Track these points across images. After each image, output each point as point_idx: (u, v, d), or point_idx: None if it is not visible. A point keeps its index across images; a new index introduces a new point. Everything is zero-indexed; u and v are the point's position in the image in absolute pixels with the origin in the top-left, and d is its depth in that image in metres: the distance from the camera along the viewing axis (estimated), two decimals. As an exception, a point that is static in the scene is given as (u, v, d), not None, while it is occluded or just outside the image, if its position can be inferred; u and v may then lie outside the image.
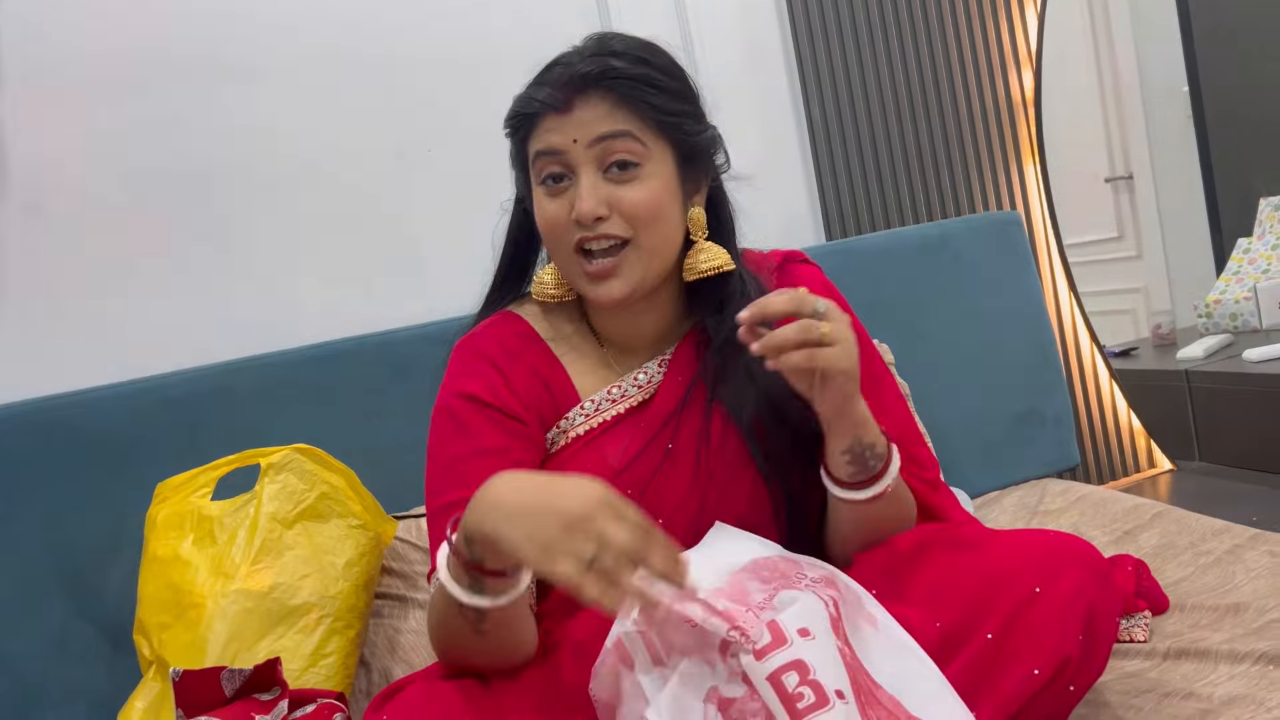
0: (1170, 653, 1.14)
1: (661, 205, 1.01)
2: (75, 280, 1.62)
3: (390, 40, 1.80)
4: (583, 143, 0.99)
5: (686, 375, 1.08)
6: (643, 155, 1.00)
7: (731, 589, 0.83)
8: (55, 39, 1.60)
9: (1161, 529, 1.53)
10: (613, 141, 0.99)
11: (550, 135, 1.00)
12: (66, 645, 1.41)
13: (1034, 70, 2.23)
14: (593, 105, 0.99)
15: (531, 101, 1.01)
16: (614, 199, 1.00)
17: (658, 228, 1.02)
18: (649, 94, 1.00)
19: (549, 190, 1.02)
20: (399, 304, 1.77)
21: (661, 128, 1.02)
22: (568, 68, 1.01)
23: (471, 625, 0.86)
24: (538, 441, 1.06)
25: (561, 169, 1.01)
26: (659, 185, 1.01)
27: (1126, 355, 2.81)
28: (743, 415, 1.05)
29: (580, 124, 0.99)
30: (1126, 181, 2.97)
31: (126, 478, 1.44)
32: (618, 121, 0.99)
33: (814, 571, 0.87)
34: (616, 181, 1.00)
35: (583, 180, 0.99)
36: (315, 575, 1.25)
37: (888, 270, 1.91)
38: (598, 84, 0.99)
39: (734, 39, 2.05)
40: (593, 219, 0.99)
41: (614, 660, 0.87)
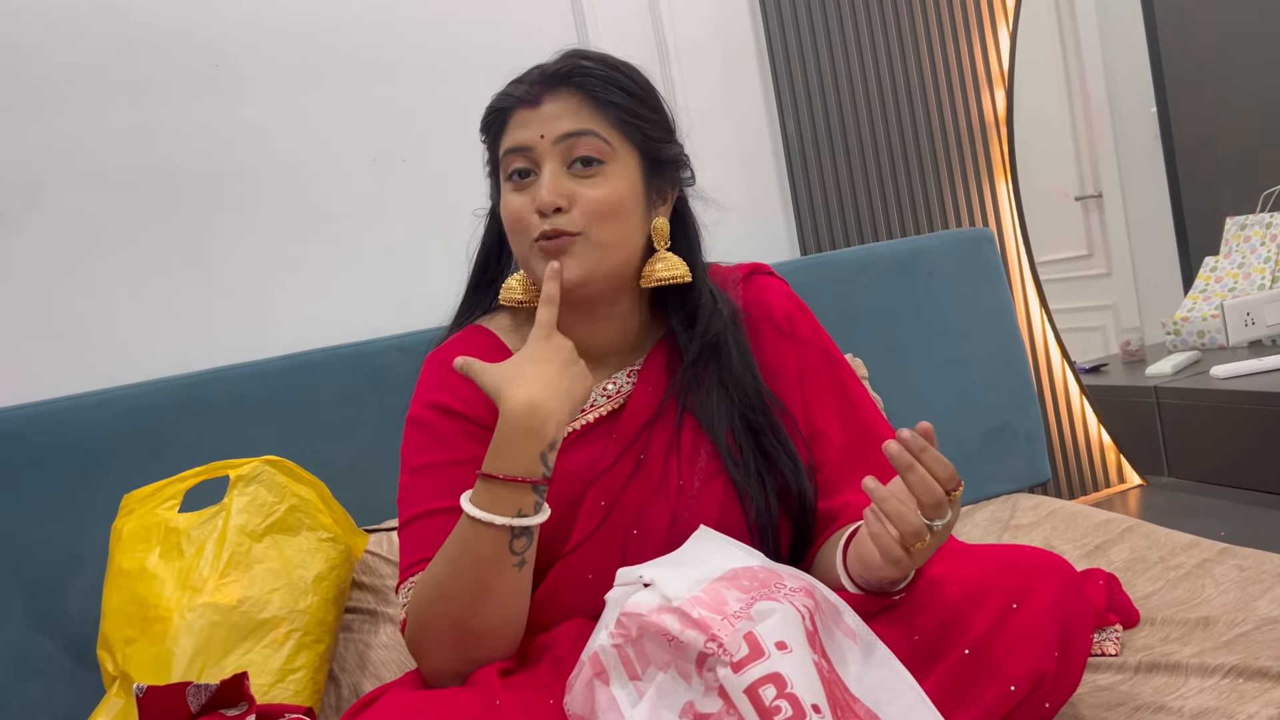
0: (1141, 666, 1.15)
1: (621, 205, 1.02)
2: (42, 288, 1.59)
3: (366, 50, 1.79)
4: (549, 138, 1.01)
5: (656, 385, 1.08)
6: (607, 154, 1.02)
7: (709, 598, 0.83)
8: (24, 44, 1.58)
9: (1132, 543, 1.54)
10: (579, 139, 1.01)
11: (519, 131, 1.02)
12: (27, 661, 1.38)
13: (1006, 89, 2.26)
14: (561, 101, 1.01)
15: (506, 98, 1.04)
16: (574, 194, 1.00)
17: (612, 225, 1.02)
18: (616, 95, 1.02)
19: (515, 185, 1.03)
20: (373, 314, 1.76)
21: (627, 129, 1.03)
22: (541, 69, 1.04)
23: (515, 557, 0.91)
24: None
25: (528, 165, 1.02)
26: (622, 186, 1.02)
27: (1097, 371, 2.84)
28: (715, 428, 1.05)
29: (548, 119, 1.01)
30: (1096, 200, 3.01)
31: (91, 489, 1.42)
32: (584, 119, 1.01)
33: (793, 582, 0.87)
34: (579, 177, 1.01)
35: (545, 172, 1.01)
36: (284, 589, 1.23)
37: (861, 285, 1.92)
38: (567, 81, 1.01)
39: (710, 56, 2.06)
40: (552, 209, 0.99)
41: (589, 674, 0.86)
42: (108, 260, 1.63)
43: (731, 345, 1.07)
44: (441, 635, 0.93)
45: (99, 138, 1.63)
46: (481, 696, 0.87)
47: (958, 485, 0.83)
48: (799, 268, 1.89)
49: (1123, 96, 3.01)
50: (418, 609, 0.94)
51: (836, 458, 1.08)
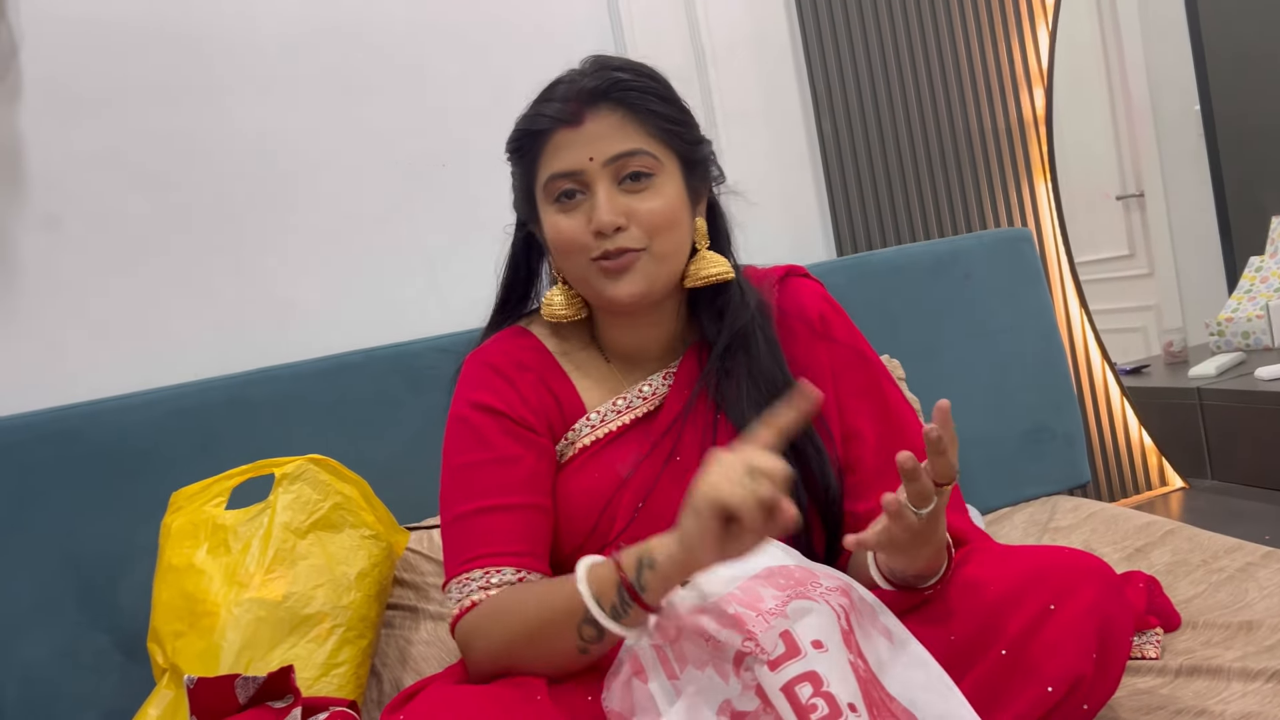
0: (1182, 670, 1.14)
1: (675, 215, 1.03)
2: (91, 291, 1.63)
3: (405, 55, 1.82)
4: (599, 160, 1.00)
5: (691, 385, 1.09)
6: (655, 167, 1.02)
7: (745, 595, 0.84)
8: (76, 51, 1.62)
9: (1173, 546, 1.53)
10: (629, 159, 1.01)
11: (564, 154, 1.01)
12: (79, 654, 1.42)
13: (1045, 88, 2.24)
14: (603, 118, 1.01)
15: (540, 118, 1.02)
16: (630, 210, 1.01)
17: (671, 235, 1.03)
18: (655, 104, 1.03)
19: (562, 207, 1.03)
20: (412, 316, 1.78)
21: (668, 138, 1.04)
22: (572, 84, 1.02)
23: (586, 642, 0.89)
24: (549, 453, 1.07)
25: (576, 187, 1.02)
26: (672, 195, 1.03)
27: (1138, 373, 2.81)
28: (745, 423, 1.05)
29: (593, 139, 1.00)
30: (1138, 199, 2.97)
31: (141, 487, 1.45)
32: (630, 137, 1.01)
33: (829, 580, 0.88)
34: (631, 193, 1.02)
35: (600, 192, 1.00)
36: (328, 585, 1.25)
37: (898, 286, 1.91)
38: (606, 97, 1.01)
39: (746, 57, 2.06)
40: (613, 229, 1.00)
41: (628, 672, 0.87)
42: (155, 262, 1.67)
43: (759, 338, 1.08)
44: (508, 656, 0.94)
45: (146, 142, 1.66)
46: (522, 691, 0.88)
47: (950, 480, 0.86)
48: (835, 269, 1.89)
49: (1165, 94, 2.97)
50: (487, 624, 0.95)
51: (871, 460, 1.08)
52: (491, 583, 0.97)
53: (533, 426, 1.06)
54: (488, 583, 0.97)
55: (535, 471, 1.04)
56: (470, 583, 0.98)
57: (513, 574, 0.98)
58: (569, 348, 1.13)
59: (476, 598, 0.97)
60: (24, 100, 1.60)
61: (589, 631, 0.88)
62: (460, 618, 0.98)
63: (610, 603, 0.87)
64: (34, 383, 1.58)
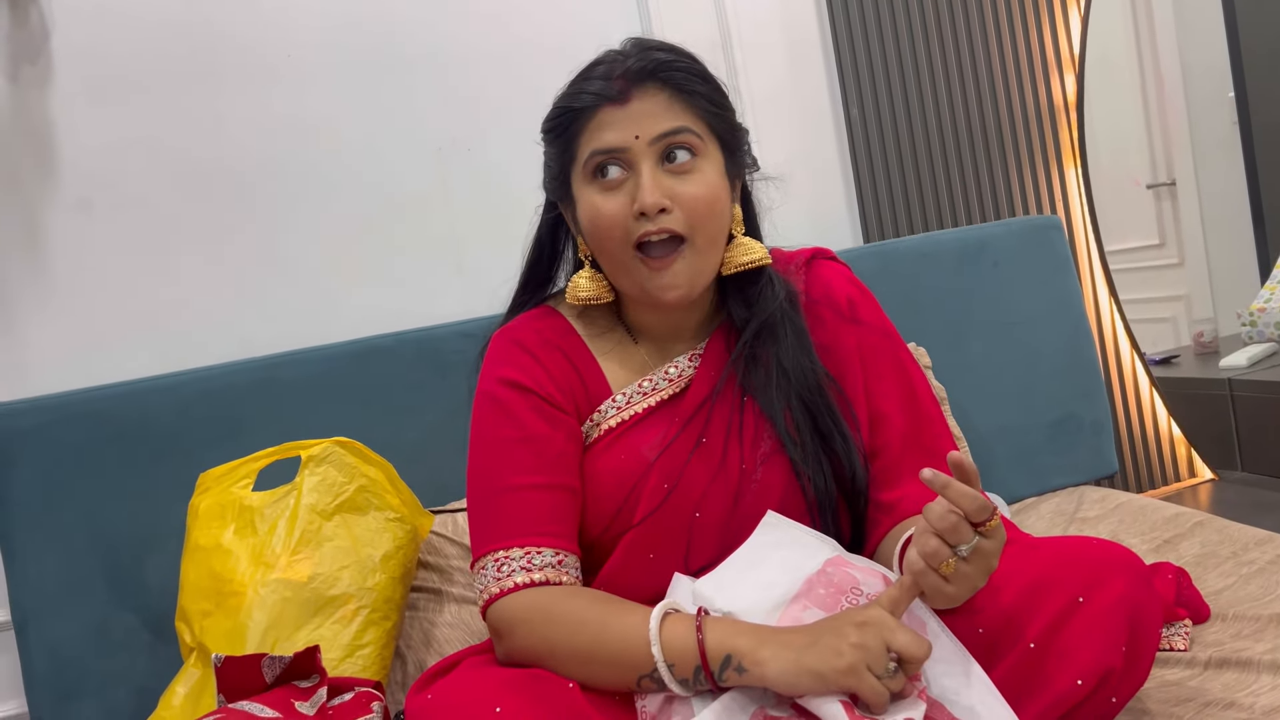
0: (1211, 662, 1.13)
1: (717, 198, 1.02)
2: (122, 274, 1.65)
3: (433, 41, 1.82)
4: (645, 139, 0.99)
5: (717, 368, 1.09)
6: (699, 147, 1.01)
7: (790, 624, 0.84)
8: (107, 37, 1.63)
9: (1203, 538, 1.51)
10: (675, 137, 1.00)
11: (609, 132, 1.00)
12: (108, 632, 1.44)
13: (1076, 73, 2.21)
14: (650, 97, 1.00)
15: (583, 95, 1.01)
16: (673, 192, 1.00)
17: (714, 221, 1.03)
18: (700, 85, 1.02)
19: (603, 186, 1.01)
20: (438, 301, 1.79)
21: (711, 119, 1.03)
22: (614, 64, 1.01)
23: (643, 687, 0.90)
24: (577, 433, 1.07)
25: (618, 164, 1.01)
26: (714, 178, 1.02)
27: (1167, 363, 2.77)
28: (773, 407, 1.05)
29: (640, 117, 0.99)
30: (1169, 188, 2.93)
31: (169, 468, 1.47)
32: (677, 116, 1.00)
33: (868, 583, 0.87)
34: (675, 173, 1.01)
35: (644, 173, 0.99)
36: (353, 567, 1.26)
37: (925, 273, 1.89)
38: (653, 76, 1.00)
39: (774, 39, 2.05)
40: (657, 210, 0.99)
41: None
42: (185, 246, 1.68)
43: (787, 325, 1.07)
44: (551, 663, 0.93)
45: (176, 127, 1.67)
46: (555, 680, 0.88)
47: (990, 516, 0.81)
48: (862, 255, 1.88)
49: (1199, 81, 2.92)
50: (537, 622, 0.94)
51: (897, 444, 1.07)
52: (533, 564, 0.97)
53: (560, 405, 1.06)
54: (529, 564, 0.97)
55: (564, 451, 1.04)
56: (510, 562, 0.97)
57: (552, 555, 0.98)
58: (596, 330, 1.12)
59: (520, 579, 0.96)
60: (55, 84, 1.61)
61: (650, 685, 0.89)
62: (498, 599, 0.96)
63: (683, 676, 0.87)
64: (65, 364, 1.60)
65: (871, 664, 0.80)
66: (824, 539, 0.94)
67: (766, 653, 0.84)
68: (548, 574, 0.97)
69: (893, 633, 0.81)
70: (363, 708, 0.98)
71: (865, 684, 0.80)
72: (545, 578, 0.96)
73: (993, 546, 0.83)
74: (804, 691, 0.82)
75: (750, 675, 0.84)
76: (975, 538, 0.81)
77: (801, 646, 0.83)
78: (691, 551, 1.03)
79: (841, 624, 0.83)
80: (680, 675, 0.87)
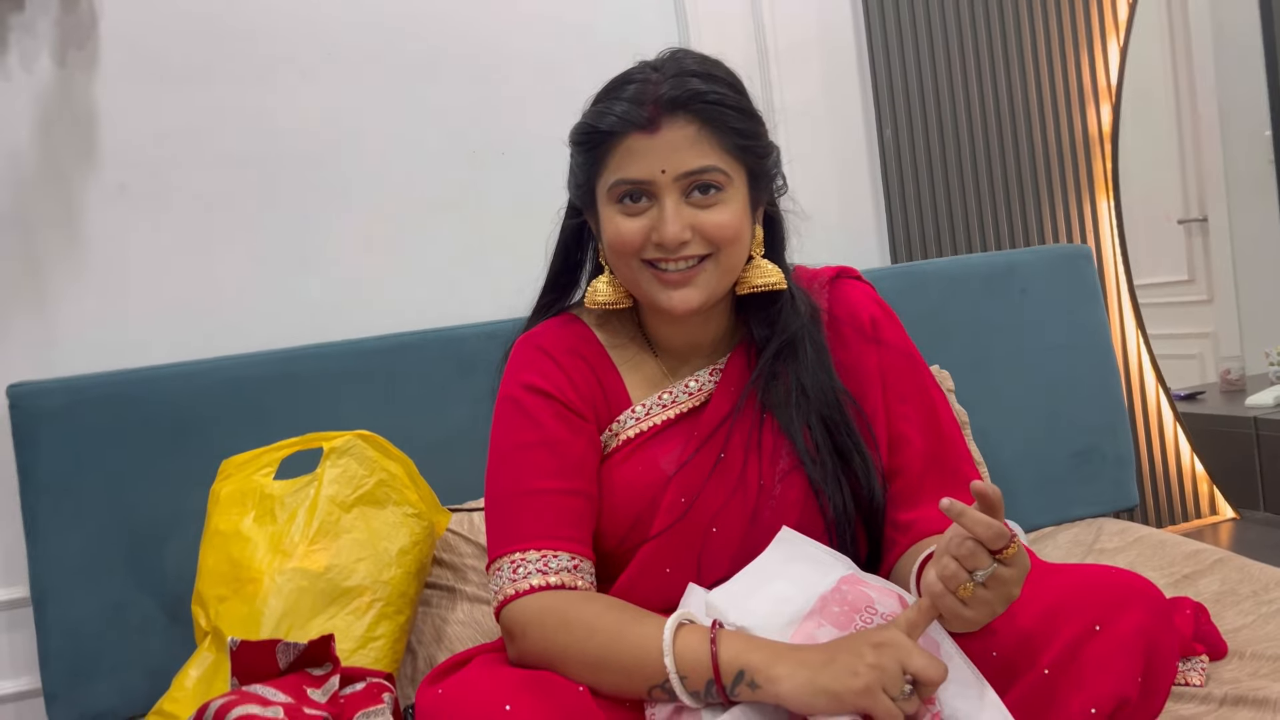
0: (1227, 699, 1.12)
1: (739, 228, 1.02)
2: (155, 260, 1.67)
3: (472, 42, 1.83)
4: (671, 174, 0.99)
5: (738, 384, 1.09)
6: (724, 182, 1.01)
7: (804, 642, 0.84)
8: (153, 26, 1.66)
9: (1223, 575, 1.50)
10: (701, 176, 1.00)
11: (636, 162, 0.99)
12: (124, 614, 1.45)
13: (1113, 105, 2.21)
14: (679, 128, 0.99)
15: (612, 119, 1.00)
16: (696, 223, 1.00)
17: (734, 248, 1.03)
18: (730, 117, 1.00)
19: (625, 209, 1.02)
20: (465, 301, 1.80)
21: (740, 153, 1.02)
22: (646, 85, 1.00)
23: (653, 697, 0.90)
24: (596, 441, 1.07)
25: (643, 193, 1.01)
26: (738, 208, 1.02)
27: (1192, 399, 2.75)
28: (793, 425, 1.05)
29: (668, 151, 0.99)
30: (1200, 224, 2.91)
31: (192, 454, 1.48)
32: (705, 154, 0.99)
33: (884, 603, 0.87)
34: (698, 205, 1.01)
35: (667, 206, 0.99)
36: (369, 559, 1.27)
37: (952, 297, 1.89)
38: (685, 108, 0.99)
39: (810, 55, 2.05)
40: (678, 244, 0.99)
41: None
42: (219, 236, 1.70)
43: (808, 344, 1.07)
44: (564, 667, 0.93)
45: (216, 118, 1.69)
46: (566, 683, 0.88)
47: (1007, 544, 0.80)
48: (889, 275, 1.88)
49: (1235, 117, 2.90)
50: (551, 626, 0.94)
51: (917, 465, 1.07)
52: (550, 567, 0.97)
53: (581, 412, 1.06)
54: (545, 567, 0.97)
55: (584, 458, 1.04)
56: (526, 564, 0.97)
57: (568, 559, 0.98)
58: (618, 340, 1.13)
59: (535, 582, 0.96)
60: (101, 70, 1.64)
61: (661, 695, 0.89)
62: (513, 600, 0.96)
63: (695, 688, 0.87)
64: (95, 346, 1.61)
65: (887, 685, 0.80)
66: (839, 556, 0.94)
67: (781, 670, 0.83)
68: (563, 578, 0.97)
69: (909, 655, 0.81)
70: (374, 698, 0.98)
71: (880, 705, 0.80)
72: (561, 581, 0.96)
73: (1012, 575, 0.82)
74: (818, 711, 0.81)
75: (763, 692, 0.84)
76: (993, 564, 0.81)
77: (817, 665, 0.82)
78: (708, 566, 1.03)
79: (858, 644, 0.83)
80: (692, 688, 0.87)
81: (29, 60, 1.60)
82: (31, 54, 1.61)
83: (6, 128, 1.59)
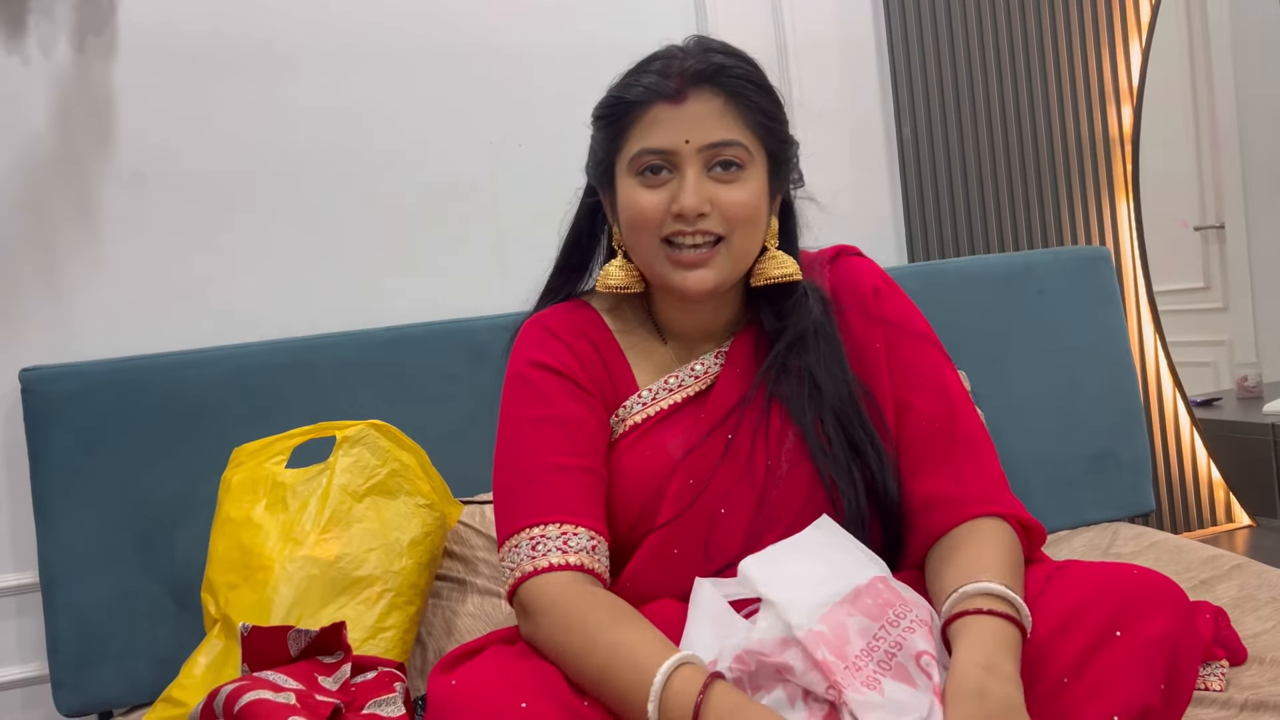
0: (1248, 704, 1.10)
1: (757, 209, 1.03)
2: (169, 247, 1.66)
3: (490, 37, 1.83)
4: (695, 145, 1.00)
5: (744, 368, 1.08)
6: (745, 159, 1.02)
7: (832, 633, 0.82)
8: (172, 14, 1.65)
9: (1241, 581, 1.48)
10: (723, 148, 1.00)
11: (660, 131, 1.00)
12: (133, 600, 1.45)
13: (1134, 106, 2.19)
14: (705, 101, 1.00)
15: (639, 89, 1.01)
16: (715, 197, 1.00)
17: (751, 230, 1.03)
18: (756, 95, 1.02)
19: (646, 181, 1.02)
20: (479, 293, 1.79)
21: (763, 132, 1.03)
22: (672, 60, 1.02)
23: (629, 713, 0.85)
24: (605, 421, 1.07)
25: (664, 164, 1.01)
26: (757, 188, 1.03)
27: (1209, 405, 2.73)
28: (803, 415, 1.04)
29: (693, 121, 0.99)
30: (1217, 231, 2.89)
31: (203, 441, 1.48)
32: (729, 127, 1.00)
33: (914, 610, 0.85)
34: (719, 180, 1.01)
35: (688, 176, 1.00)
36: (381, 549, 1.26)
37: (970, 297, 1.88)
38: (711, 81, 1.00)
39: (830, 52, 2.04)
40: (696, 215, 0.99)
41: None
42: (233, 225, 1.69)
43: (821, 338, 1.07)
44: (564, 667, 0.90)
45: (234, 108, 1.69)
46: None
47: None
48: (906, 274, 1.86)
49: (1254, 123, 2.88)
50: (558, 619, 0.91)
51: (923, 433, 1.05)
52: (570, 545, 0.95)
53: (590, 392, 1.06)
54: (565, 545, 0.95)
55: (596, 436, 1.04)
56: (546, 541, 0.95)
57: (587, 538, 0.96)
58: (626, 326, 1.12)
59: (555, 560, 0.94)
60: (119, 58, 1.64)
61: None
62: (531, 577, 0.93)
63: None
64: (107, 332, 1.61)
65: None
66: (873, 556, 0.92)
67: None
68: (583, 558, 0.95)
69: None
70: (385, 687, 0.97)
71: None
72: (580, 562, 0.95)
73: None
74: None
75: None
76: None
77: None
78: (716, 548, 1.02)
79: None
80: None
81: (47, 45, 1.60)
82: (50, 39, 1.60)
83: (24, 112, 1.59)
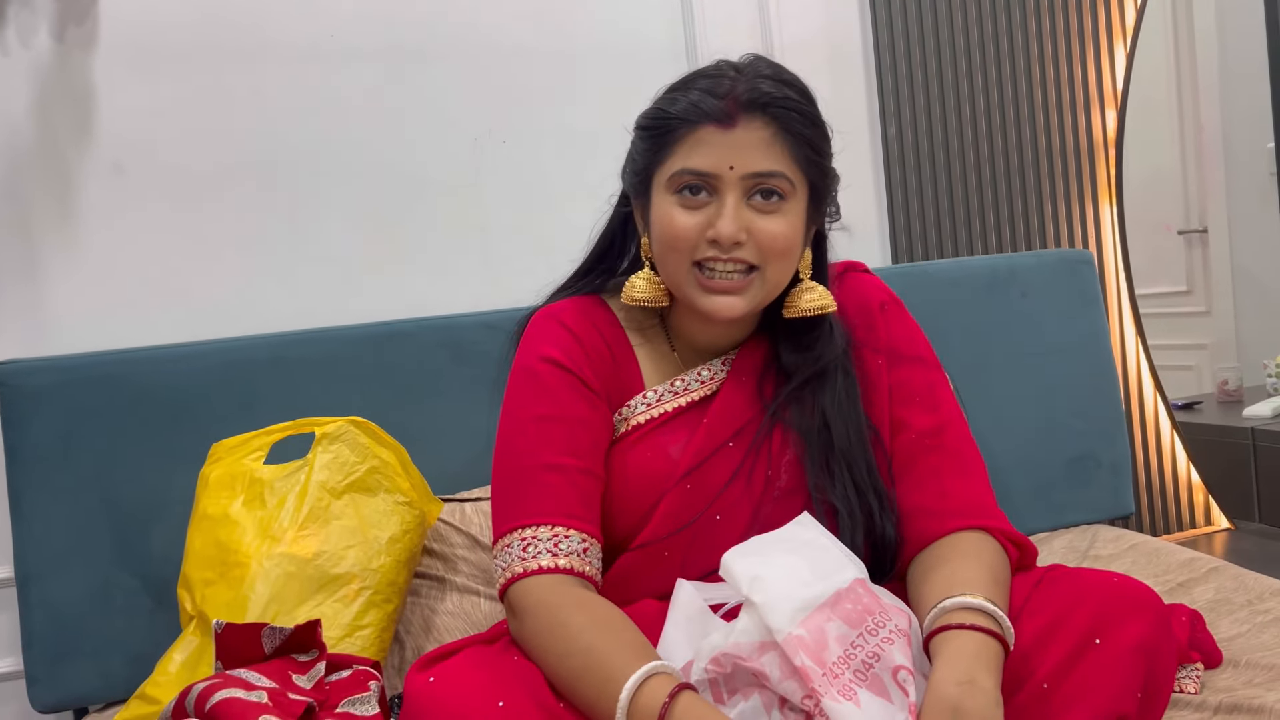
0: (1222, 707, 1.10)
1: (794, 242, 1.02)
2: (149, 240, 1.65)
3: (475, 30, 1.82)
4: (739, 172, 0.98)
5: (748, 377, 1.09)
6: (788, 191, 1.01)
7: (811, 637, 0.82)
8: (153, 5, 1.64)
9: (1218, 584, 1.49)
10: (767, 179, 0.99)
11: (705, 153, 0.99)
12: (109, 595, 1.43)
13: (1118, 109, 2.20)
14: (755, 129, 0.98)
15: (690, 107, 0.99)
16: (753, 227, 0.99)
17: (785, 262, 1.02)
18: (806, 129, 1.00)
19: (684, 201, 1.01)
20: (461, 290, 1.78)
21: (807, 166, 1.01)
22: (724, 80, 0.99)
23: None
24: (609, 421, 1.07)
25: (704, 186, 1.00)
26: (795, 221, 1.02)
27: (1189, 409, 2.75)
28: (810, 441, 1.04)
29: (739, 148, 0.98)
30: (1200, 235, 2.91)
31: (181, 436, 1.46)
32: (775, 158, 0.99)
33: (894, 619, 0.85)
34: (758, 210, 1.00)
35: (728, 203, 0.99)
36: (359, 547, 1.25)
37: (952, 298, 1.88)
38: (763, 110, 0.98)
39: (816, 53, 2.04)
40: (732, 243, 0.99)
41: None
42: (214, 218, 1.68)
43: (840, 376, 1.07)
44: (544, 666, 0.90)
45: (216, 100, 1.68)
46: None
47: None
48: (890, 276, 1.86)
49: (1238, 129, 2.90)
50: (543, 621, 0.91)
51: (911, 447, 1.06)
52: (560, 549, 0.95)
53: (596, 391, 1.05)
54: (556, 548, 0.95)
55: (598, 438, 1.04)
56: (537, 543, 0.95)
57: (579, 541, 0.97)
58: (638, 326, 1.13)
59: (544, 563, 0.94)
60: (99, 49, 1.62)
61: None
62: (521, 579, 0.94)
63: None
64: (86, 325, 1.60)
65: None
66: (851, 556, 0.93)
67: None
68: (573, 561, 0.95)
69: None
70: (360, 686, 0.97)
71: None
72: (570, 565, 0.95)
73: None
74: None
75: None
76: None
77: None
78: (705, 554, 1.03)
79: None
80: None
81: (27, 35, 1.59)
82: (30, 29, 1.59)
83: (2, 103, 1.58)
